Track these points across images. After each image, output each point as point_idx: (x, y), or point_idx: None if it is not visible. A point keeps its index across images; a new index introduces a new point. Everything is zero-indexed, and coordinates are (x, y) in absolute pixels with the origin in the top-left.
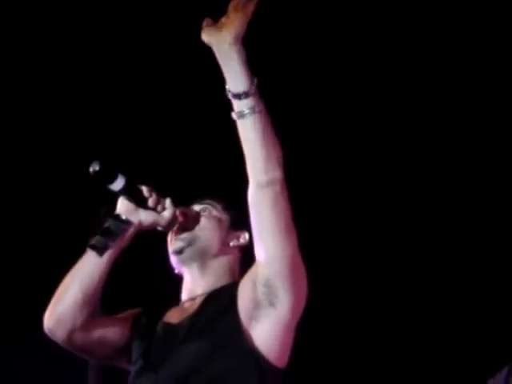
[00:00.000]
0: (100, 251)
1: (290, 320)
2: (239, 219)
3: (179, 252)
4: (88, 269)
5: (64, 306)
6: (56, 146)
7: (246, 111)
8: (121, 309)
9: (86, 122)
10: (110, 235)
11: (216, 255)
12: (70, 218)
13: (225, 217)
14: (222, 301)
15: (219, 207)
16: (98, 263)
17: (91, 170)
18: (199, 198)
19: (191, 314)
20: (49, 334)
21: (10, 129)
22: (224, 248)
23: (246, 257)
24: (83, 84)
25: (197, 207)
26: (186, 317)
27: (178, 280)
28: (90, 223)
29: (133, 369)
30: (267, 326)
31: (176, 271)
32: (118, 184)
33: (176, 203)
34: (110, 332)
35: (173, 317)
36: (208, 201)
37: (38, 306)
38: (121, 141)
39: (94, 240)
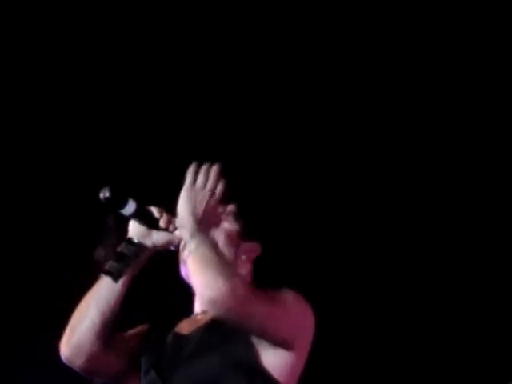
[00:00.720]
0: (115, 277)
1: (299, 354)
2: (250, 229)
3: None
4: (104, 295)
5: (82, 334)
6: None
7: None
8: (132, 323)
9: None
10: (124, 260)
11: None
12: (76, 226)
13: (236, 228)
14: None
15: (229, 217)
16: (113, 289)
17: (101, 196)
18: None
19: (203, 327)
20: (66, 362)
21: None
22: (236, 263)
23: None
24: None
25: None
26: (197, 329)
27: (190, 291)
28: (97, 234)
29: (143, 381)
30: (277, 354)
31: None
32: (129, 209)
33: None
34: (124, 351)
35: (184, 328)
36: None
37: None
38: (124, 152)
39: (109, 266)
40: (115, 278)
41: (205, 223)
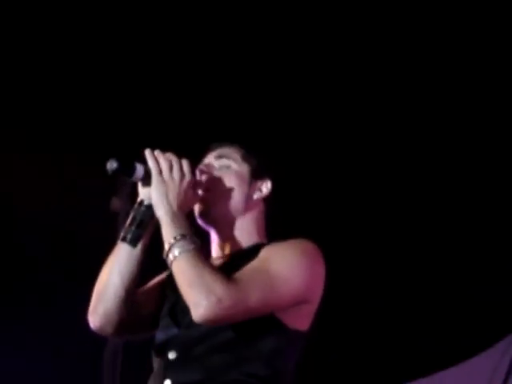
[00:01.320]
0: (133, 243)
1: (312, 302)
2: (259, 168)
3: (204, 214)
4: (125, 262)
5: (108, 304)
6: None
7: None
8: (151, 271)
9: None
10: (140, 224)
11: (241, 213)
12: None
13: (245, 168)
14: (246, 265)
15: (238, 157)
16: (133, 255)
17: (109, 169)
18: (215, 146)
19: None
20: (97, 332)
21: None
22: (248, 204)
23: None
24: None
25: (215, 162)
26: None
27: (206, 237)
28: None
29: (160, 325)
30: (292, 308)
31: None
32: (139, 173)
33: (194, 162)
34: (148, 304)
35: None
36: (225, 149)
37: None
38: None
39: (125, 232)
40: (133, 244)
41: (185, 206)
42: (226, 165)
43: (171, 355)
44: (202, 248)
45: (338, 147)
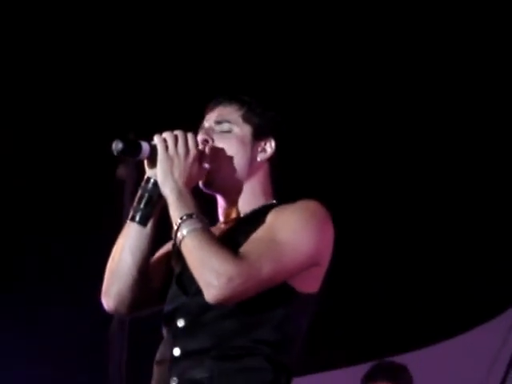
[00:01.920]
0: (143, 222)
1: (322, 264)
2: (262, 127)
3: (208, 184)
4: (136, 242)
5: (122, 285)
6: None
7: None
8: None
9: None
10: (148, 203)
11: (246, 177)
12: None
13: (247, 130)
14: (254, 227)
15: (239, 118)
16: (143, 233)
17: (114, 149)
18: (214, 103)
19: (224, 237)
20: (111, 312)
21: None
22: (252, 166)
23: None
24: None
25: (216, 127)
26: (220, 238)
27: (213, 201)
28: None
29: (168, 295)
30: (302, 273)
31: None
32: (145, 152)
33: (196, 128)
34: (157, 281)
35: None
36: (225, 109)
37: None
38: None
39: (133, 211)
40: (143, 223)
41: (191, 182)
42: (227, 129)
43: (180, 323)
44: (209, 225)
45: (346, 103)
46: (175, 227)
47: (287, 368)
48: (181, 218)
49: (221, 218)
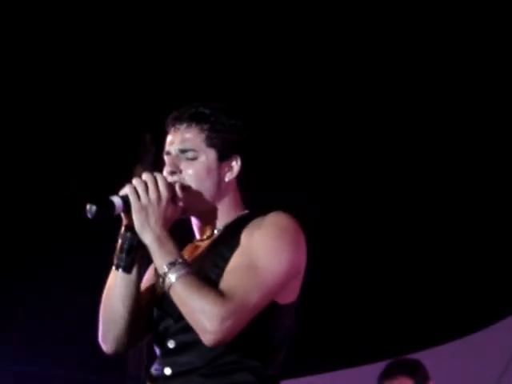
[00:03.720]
0: (127, 269)
1: (299, 276)
2: (226, 149)
3: (182, 214)
4: (124, 290)
5: (117, 331)
6: None
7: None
8: None
9: None
10: (130, 251)
11: (216, 198)
12: None
13: (211, 155)
14: (229, 245)
15: (202, 144)
16: (130, 280)
17: (90, 215)
18: (175, 123)
19: (200, 254)
20: (112, 355)
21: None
22: (221, 187)
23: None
24: None
25: (181, 155)
26: (196, 257)
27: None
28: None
29: (154, 316)
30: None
31: None
32: (118, 207)
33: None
34: (147, 312)
35: (185, 253)
36: (187, 134)
37: None
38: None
39: (117, 260)
40: (127, 271)
41: (168, 224)
42: (192, 157)
43: (170, 344)
44: (191, 268)
45: (325, 104)
46: (161, 276)
47: (273, 378)
48: (166, 267)
49: (197, 235)
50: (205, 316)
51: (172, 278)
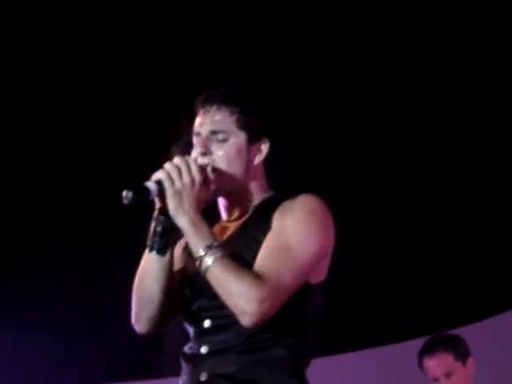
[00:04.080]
0: (161, 252)
1: (328, 257)
2: (256, 131)
3: (213, 196)
4: (158, 270)
5: (152, 311)
6: None
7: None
8: None
9: None
10: (163, 234)
11: (245, 179)
12: None
13: (241, 137)
14: (259, 227)
15: (233, 126)
16: (164, 262)
17: (127, 202)
18: (205, 105)
19: (231, 236)
20: (144, 335)
21: None
22: (250, 169)
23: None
24: None
25: (211, 137)
26: (227, 239)
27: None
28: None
29: (186, 294)
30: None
31: None
32: (153, 192)
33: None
34: (180, 288)
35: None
36: (218, 116)
37: None
38: None
39: (151, 242)
40: (161, 254)
41: (201, 207)
42: (223, 138)
43: (205, 324)
44: (228, 250)
45: (341, 93)
46: (197, 260)
47: (305, 355)
48: (202, 250)
49: (223, 215)
50: (243, 298)
51: (209, 261)
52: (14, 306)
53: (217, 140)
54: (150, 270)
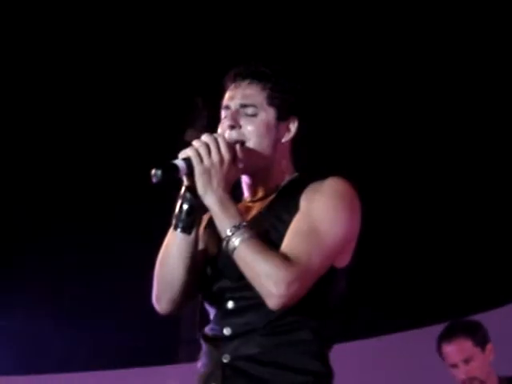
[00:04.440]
0: (187, 231)
1: (351, 240)
2: (286, 109)
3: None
4: (183, 250)
5: (175, 292)
6: None
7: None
8: None
9: None
10: (190, 212)
11: (272, 158)
12: None
13: (271, 113)
14: (284, 207)
15: (263, 101)
16: (189, 241)
17: (156, 180)
18: (236, 78)
19: (256, 215)
20: (165, 315)
21: None
22: (277, 147)
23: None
24: None
25: (241, 110)
26: (252, 219)
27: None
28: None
29: (208, 275)
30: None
31: None
32: (182, 170)
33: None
34: (201, 268)
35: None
36: (249, 90)
37: None
38: None
39: (176, 220)
40: (187, 232)
41: (230, 186)
42: (253, 113)
43: (229, 305)
44: (255, 232)
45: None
46: (224, 240)
47: (329, 339)
48: (229, 230)
49: (246, 194)
50: (271, 280)
51: (236, 241)
52: (21, 291)
53: (246, 114)
54: (174, 249)
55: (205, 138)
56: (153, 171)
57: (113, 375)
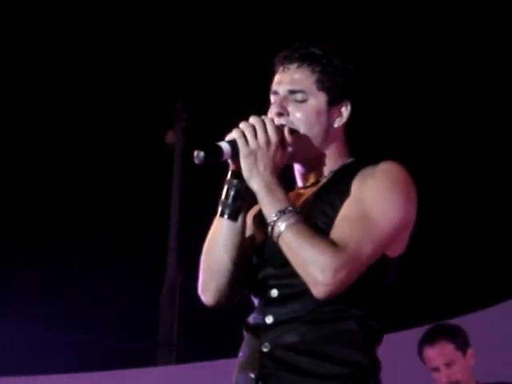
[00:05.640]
0: (233, 217)
1: (406, 227)
2: (337, 93)
3: (289, 161)
4: (229, 237)
5: (221, 281)
6: None
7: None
8: None
9: None
10: (236, 198)
11: (324, 144)
12: None
13: (322, 98)
14: (337, 193)
15: (313, 86)
16: (235, 229)
17: (198, 162)
18: (284, 63)
19: (307, 201)
20: (211, 307)
21: None
22: (329, 133)
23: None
24: None
25: (290, 96)
26: (302, 205)
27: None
28: None
29: (253, 263)
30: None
31: None
32: (226, 153)
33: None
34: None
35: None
36: (297, 75)
37: None
38: None
39: (222, 207)
40: (234, 219)
41: (277, 170)
42: (302, 99)
43: (273, 293)
44: (302, 216)
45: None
46: (270, 224)
47: (377, 331)
48: (275, 215)
49: (299, 182)
50: (317, 267)
51: (282, 226)
52: (12, 293)
53: (295, 100)
54: (220, 237)
55: (251, 119)
56: (195, 152)
57: (90, 378)
